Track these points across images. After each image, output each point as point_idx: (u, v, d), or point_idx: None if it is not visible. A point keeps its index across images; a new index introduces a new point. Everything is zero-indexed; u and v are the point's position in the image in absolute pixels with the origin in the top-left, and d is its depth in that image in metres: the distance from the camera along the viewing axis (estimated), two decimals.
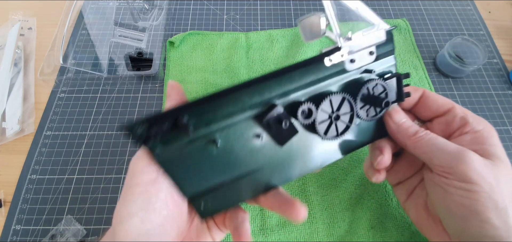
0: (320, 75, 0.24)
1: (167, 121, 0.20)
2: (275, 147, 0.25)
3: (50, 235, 0.32)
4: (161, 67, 0.44)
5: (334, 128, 0.25)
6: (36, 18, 0.49)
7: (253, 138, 0.24)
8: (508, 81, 0.44)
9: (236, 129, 0.23)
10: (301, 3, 0.51)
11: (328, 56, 0.23)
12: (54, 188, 0.35)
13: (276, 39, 0.46)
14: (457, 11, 0.51)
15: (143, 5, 0.48)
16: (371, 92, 0.26)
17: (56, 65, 0.44)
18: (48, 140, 0.38)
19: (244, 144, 0.23)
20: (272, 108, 0.23)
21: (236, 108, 0.22)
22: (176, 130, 0.21)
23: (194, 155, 0.22)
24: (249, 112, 0.23)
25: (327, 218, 0.33)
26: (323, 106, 0.24)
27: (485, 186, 0.23)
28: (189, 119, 0.21)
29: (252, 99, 0.23)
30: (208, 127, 0.22)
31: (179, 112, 0.21)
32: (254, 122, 0.23)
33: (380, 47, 0.25)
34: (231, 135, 0.23)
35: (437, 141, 0.25)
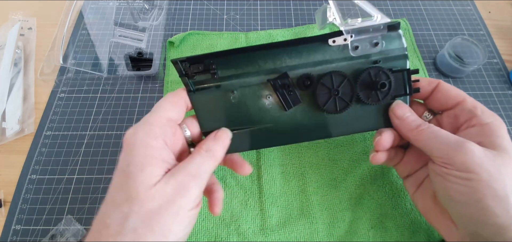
0: (327, 56, 0.28)
1: (201, 63, 0.27)
2: (280, 111, 0.29)
3: (50, 235, 0.32)
4: (161, 67, 0.44)
5: (333, 103, 0.28)
6: (36, 18, 0.49)
7: (263, 97, 0.29)
8: (508, 81, 0.44)
9: (251, 85, 0.28)
10: (301, 3, 0.51)
11: (332, 38, 0.27)
12: (54, 188, 0.35)
13: (276, 39, 0.46)
14: (457, 11, 0.51)
15: (143, 5, 0.48)
16: (373, 78, 0.28)
17: (56, 65, 0.44)
18: (48, 140, 0.38)
19: (255, 100, 0.29)
20: (283, 76, 0.28)
21: (253, 68, 0.28)
22: (207, 73, 0.28)
23: (215, 99, 0.29)
24: (264, 75, 0.28)
25: (327, 218, 0.33)
26: (324, 80, 0.28)
27: (483, 175, 0.23)
28: (216, 67, 0.27)
29: (267, 64, 0.28)
30: (230, 79, 0.28)
31: (211, 58, 0.27)
32: (266, 85, 0.28)
33: (387, 41, 0.27)
34: (247, 89, 0.29)
35: (438, 133, 0.26)
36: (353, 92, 0.28)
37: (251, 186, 0.35)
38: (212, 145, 0.27)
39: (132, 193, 0.22)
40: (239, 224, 0.32)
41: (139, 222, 0.21)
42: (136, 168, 0.23)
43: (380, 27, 0.27)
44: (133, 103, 0.41)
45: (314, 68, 0.28)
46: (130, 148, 0.23)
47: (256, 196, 0.34)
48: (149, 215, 0.22)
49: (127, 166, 0.23)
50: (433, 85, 0.29)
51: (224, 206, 0.33)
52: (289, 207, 0.34)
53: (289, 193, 0.34)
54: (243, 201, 0.34)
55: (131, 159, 0.23)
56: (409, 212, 0.33)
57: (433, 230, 0.32)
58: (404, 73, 0.28)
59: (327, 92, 0.28)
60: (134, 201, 0.22)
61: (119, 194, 0.22)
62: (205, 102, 0.29)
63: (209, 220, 0.33)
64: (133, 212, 0.21)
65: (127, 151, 0.24)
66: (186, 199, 0.23)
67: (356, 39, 0.27)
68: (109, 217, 0.22)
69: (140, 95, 0.42)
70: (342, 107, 0.28)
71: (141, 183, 0.22)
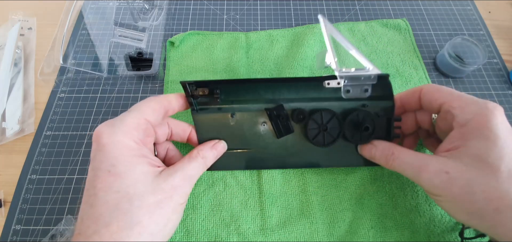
0: (322, 95, 0.31)
1: (207, 87, 0.30)
2: (273, 138, 0.33)
3: (50, 235, 0.32)
4: (161, 67, 0.44)
5: (321, 137, 0.32)
6: (36, 18, 0.49)
7: (259, 124, 0.32)
8: (508, 81, 0.44)
9: (249, 112, 0.32)
10: (301, 3, 0.51)
11: (327, 80, 0.29)
12: (54, 188, 0.35)
13: (276, 39, 0.46)
14: (457, 11, 0.51)
15: (143, 5, 0.48)
16: (360, 120, 0.31)
17: (56, 65, 0.44)
18: (48, 140, 0.38)
19: (252, 125, 0.32)
20: (279, 106, 0.31)
21: (253, 97, 0.31)
22: (210, 96, 0.31)
23: (216, 120, 0.32)
24: (262, 104, 0.32)
25: (327, 218, 0.33)
26: (315, 116, 0.31)
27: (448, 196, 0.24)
28: (220, 92, 0.30)
29: (266, 94, 0.31)
30: (231, 103, 0.32)
31: (215, 85, 0.30)
32: (263, 113, 0.32)
33: (376, 88, 0.30)
34: (245, 114, 0.32)
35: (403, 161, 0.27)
36: (341, 129, 0.31)
37: (251, 186, 0.35)
38: (208, 154, 0.30)
39: (129, 190, 0.23)
40: (239, 224, 0.32)
41: (143, 214, 0.23)
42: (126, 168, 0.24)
43: (371, 77, 0.29)
44: (133, 103, 0.41)
45: (309, 104, 0.31)
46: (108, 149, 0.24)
47: (256, 196, 0.34)
48: (152, 207, 0.24)
49: (111, 167, 0.24)
50: (417, 94, 0.29)
51: (224, 206, 0.33)
52: (289, 207, 0.34)
53: (289, 193, 0.34)
54: (243, 201, 0.34)
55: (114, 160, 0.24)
56: (409, 212, 0.33)
57: (433, 229, 0.32)
58: (386, 119, 0.31)
59: (317, 127, 0.32)
60: (134, 197, 0.23)
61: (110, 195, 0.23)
62: (206, 122, 0.32)
63: (209, 220, 0.33)
64: (134, 206, 0.23)
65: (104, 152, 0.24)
66: (181, 195, 0.26)
67: (348, 84, 0.30)
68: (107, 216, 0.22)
69: (140, 95, 0.42)
70: (329, 142, 0.32)
71: (137, 181, 0.24)
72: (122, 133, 0.25)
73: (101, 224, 0.22)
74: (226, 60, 0.44)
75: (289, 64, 0.42)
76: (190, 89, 0.30)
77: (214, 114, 0.32)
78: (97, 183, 0.23)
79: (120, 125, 0.25)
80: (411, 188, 0.34)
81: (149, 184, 0.24)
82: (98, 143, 0.24)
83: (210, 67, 0.43)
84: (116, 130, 0.25)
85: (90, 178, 0.24)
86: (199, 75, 0.42)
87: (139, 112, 0.27)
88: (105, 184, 0.23)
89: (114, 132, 0.25)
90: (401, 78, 0.42)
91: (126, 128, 0.25)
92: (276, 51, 0.45)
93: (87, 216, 0.23)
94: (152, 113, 0.28)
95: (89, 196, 0.23)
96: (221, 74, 0.43)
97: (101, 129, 0.25)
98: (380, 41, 0.46)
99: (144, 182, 0.24)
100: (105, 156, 0.24)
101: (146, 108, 0.27)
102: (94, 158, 0.24)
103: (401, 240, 0.32)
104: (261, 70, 0.43)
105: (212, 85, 0.30)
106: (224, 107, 0.32)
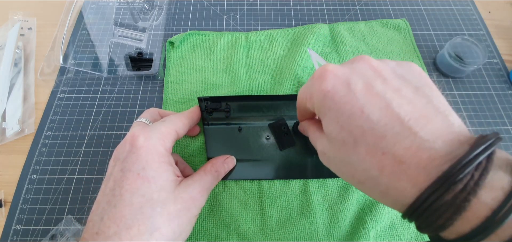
0: None
1: (219, 102, 0.35)
2: (276, 150, 0.35)
3: (50, 235, 0.32)
4: (161, 67, 0.44)
5: None
6: (36, 18, 0.49)
7: (264, 137, 0.35)
8: (508, 81, 0.44)
9: (255, 125, 0.36)
10: (301, 3, 0.51)
11: None
12: (54, 188, 0.35)
13: (276, 39, 0.46)
14: (457, 11, 0.51)
15: (143, 5, 0.48)
16: None
17: (56, 65, 0.44)
18: (48, 140, 0.38)
19: (257, 138, 0.35)
20: (281, 120, 0.35)
21: (258, 112, 0.35)
22: (221, 111, 0.35)
23: (225, 133, 0.36)
24: (266, 119, 0.36)
25: (328, 218, 0.33)
26: None
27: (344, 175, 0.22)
28: (230, 107, 0.35)
29: (269, 111, 0.35)
30: (239, 118, 0.36)
31: (227, 100, 0.35)
32: (266, 128, 0.35)
33: None
34: (251, 129, 0.36)
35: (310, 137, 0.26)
36: None
37: (251, 186, 0.35)
38: (221, 168, 0.32)
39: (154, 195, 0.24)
40: (239, 225, 0.32)
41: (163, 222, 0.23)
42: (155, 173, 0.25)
43: None
44: (133, 103, 0.41)
45: None
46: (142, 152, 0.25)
47: (256, 196, 0.34)
48: (172, 216, 0.24)
49: (142, 170, 0.24)
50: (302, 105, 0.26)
51: (224, 207, 0.33)
52: (289, 207, 0.34)
53: (289, 193, 0.34)
54: (243, 201, 0.34)
55: (146, 164, 0.24)
56: None
57: None
58: None
59: None
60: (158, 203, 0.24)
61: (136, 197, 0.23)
62: (216, 135, 0.35)
63: (209, 221, 0.33)
64: (156, 213, 0.23)
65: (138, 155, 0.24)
66: (197, 207, 0.27)
67: None
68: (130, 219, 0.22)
69: (140, 95, 0.42)
70: None
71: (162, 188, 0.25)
72: (157, 139, 0.26)
73: (122, 225, 0.22)
74: (226, 60, 0.44)
75: (289, 64, 0.42)
76: (203, 104, 0.34)
77: (223, 128, 0.36)
78: (125, 183, 0.23)
79: (156, 131, 0.26)
80: None
81: (172, 193, 0.25)
82: (132, 145, 0.25)
83: (210, 67, 0.43)
84: (152, 135, 0.26)
85: (118, 178, 0.24)
86: (199, 75, 0.42)
87: (172, 124, 0.28)
88: (133, 186, 0.23)
89: (150, 136, 0.26)
90: None
91: (161, 135, 0.26)
92: (276, 51, 0.45)
93: (108, 216, 0.23)
94: (182, 127, 0.30)
95: (114, 196, 0.23)
96: (221, 74, 0.43)
97: (137, 132, 0.26)
98: (380, 41, 0.46)
99: (168, 190, 0.25)
100: (138, 158, 0.24)
101: (178, 122, 0.29)
102: (126, 159, 0.25)
103: (401, 240, 0.32)
104: (261, 70, 0.43)
105: (224, 101, 0.35)
106: (232, 122, 0.36)
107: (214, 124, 0.36)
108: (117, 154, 0.26)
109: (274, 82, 0.42)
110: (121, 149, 0.26)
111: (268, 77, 0.42)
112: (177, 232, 0.25)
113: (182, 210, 0.25)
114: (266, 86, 0.41)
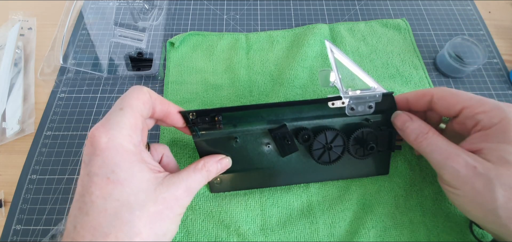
0: (325, 113, 0.31)
1: (208, 115, 0.29)
2: (277, 156, 0.33)
3: (50, 235, 0.32)
4: (161, 67, 0.44)
5: (327, 155, 0.32)
6: (36, 18, 0.49)
7: (263, 145, 0.32)
8: (508, 81, 0.44)
9: (252, 134, 0.31)
10: (301, 3, 0.51)
11: (331, 101, 0.30)
12: (54, 188, 0.35)
13: (276, 40, 0.46)
14: (457, 11, 0.51)
15: (143, 5, 0.48)
16: (364, 136, 0.31)
17: (56, 65, 0.44)
18: (48, 140, 0.38)
19: (255, 147, 0.32)
20: (283, 126, 0.31)
21: (256, 119, 0.31)
22: (212, 123, 0.30)
23: (219, 145, 0.31)
24: (265, 125, 0.31)
25: (328, 218, 0.33)
26: (319, 138, 0.31)
27: (467, 191, 0.25)
28: (222, 119, 0.30)
29: (269, 116, 0.31)
30: (234, 128, 0.31)
31: (217, 112, 0.29)
32: (267, 133, 0.31)
33: (380, 104, 0.31)
34: (248, 138, 0.31)
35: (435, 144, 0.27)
36: (345, 145, 0.32)
37: None
38: (213, 168, 0.29)
39: (130, 199, 0.22)
40: (239, 225, 0.32)
41: (143, 225, 0.22)
42: (127, 174, 0.22)
43: (376, 96, 0.30)
44: None
45: (311, 121, 0.31)
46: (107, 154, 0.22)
47: (256, 196, 0.34)
48: (152, 217, 0.23)
49: (111, 173, 0.22)
50: (427, 98, 0.29)
51: (224, 207, 0.33)
52: (289, 207, 0.34)
53: (289, 193, 0.34)
54: (243, 201, 0.34)
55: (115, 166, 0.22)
56: (409, 212, 0.33)
57: (433, 229, 0.32)
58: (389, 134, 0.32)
59: (322, 147, 0.32)
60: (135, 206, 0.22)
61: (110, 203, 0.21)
62: (209, 147, 0.31)
63: (209, 221, 0.33)
64: (135, 216, 0.22)
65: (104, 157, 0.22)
66: (181, 206, 0.25)
67: (353, 102, 0.30)
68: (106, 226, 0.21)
69: None
70: (334, 159, 0.32)
71: (139, 189, 0.23)
72: (122, 137, 0.23)
73: (99, 234, 0.21)
74: (226, 61, 0.44)
75: (289, 64, 0.42)
76: (190, 118, 0.29)
77: (216, 139, 0.31)
78: (94, 189, 0.21)
79: (118, 127, 0.23)
80: (413, 187, 0.34)
81: (151, 193, 0.23)
82: (95, 147, 0.22)
83: (210, 68, 0.43)
84: (115, 133, 0.23)
85: (85, 183, 0.22)
86: (199, 76, 0.42)
87: (132, 110, 0.24)
88: (104, 191, 0.21)
89: (113, 135, 0.22)
90: (401, 78, 0.42)
91: (125, 131, 0.23)
92: (276, 52, 0.45)
93: (81, 224, 0.21)
94: (144, 107, 0.25)
95: (84, 203, 0.21)
96: (221, 75, 0.43)
97: (98, 132, 0.22)
98: (380, 41, 0.46)
99: (145, 190, 0.23)
100: (104, 161, 0.22)
101: (137, 102, 0.25)
102: (90, 162, 0.22)
103: (401, 240, 0.32)
104: (261, 71, 0.43)
105: (214, 113, 0.29)
106: (226, 131, 0.31)
107: (205, 135, 0.30)
108: (83, 155, 0.23)
109: (274, 83, 0.42)
110: (85, 150, 0.23)
111: (268, 78, 0.42)
112: (160, 234, 0.23)
113: (164, 210, 0.23)
114: (266, 87, 0.41)
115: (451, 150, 0.26)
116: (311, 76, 0.42)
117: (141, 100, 0.25)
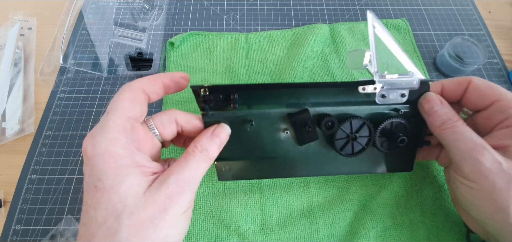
0: (352, 99, 0.28)
1: (223, 92, 0.26)
2: (294, 145, 0.29)
3: (50, 235, 0.32)
4: (161, 67, 0.44)
5: (350, 146, 0.29)
6: (36, 18, 0.49)
7: (279, 130, 0.29)
8: (508, 81, 0.44)
9: (269, 118, 0.28)
10: (301, 3, 0.51)
11: (363, 86, 0.26)
12: (54, 188, 0.35)
13: (276, 40, 0.46)
14: (457, 11, 0.51)
15: (143, 5, 0.48)
16: (392, 128, 0.28)
17: (56, 65, 0.44)
18: (48, 140, 0.38)
19: (271, 132, 0.29)
20: (304, 111, 0.27)
21: (275, 101, 0.27)
22: (227, 102, 0.26)
23: (231, 127, 0.28)
24: (284, 109, 0.28)
25: (328, 218, 0.33)
26: (344, 126, 0.28)
27: (485, 186, 0.24)
28: (238, 97, 0.26)
29: (290, 99, 0.27)
30: (249, 109, 0.27)
31: (232, 90, 0.26)
32: (285, 118, 0.28)
33: (414, 93, 0.28)
34: (264, 121, 0.28)
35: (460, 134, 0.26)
36: (371, 137, 0.29)
37: (251, 186, 0.35)
38: (207, 144, 0.25)
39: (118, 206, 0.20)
40: (239, 225, 0.32)
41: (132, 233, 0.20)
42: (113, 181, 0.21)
43: (414, 83, 0.27)
44: None
45: (335, 108, 0.28)
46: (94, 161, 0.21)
47: (256, 196, 0.34)
48: (144, 224, 0.21)
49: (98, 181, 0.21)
50: (464, 86, 0.28)
51: (224, 206, 0.33)
52: (290, 207, 0.34)
53: (289, 193, 0.34)
54: (243, 201, 0.34)
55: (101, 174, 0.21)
56: (409, 212, 0.33)
57: (432, 229, 0.32)
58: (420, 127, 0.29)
59: (345, 137, 0.29)
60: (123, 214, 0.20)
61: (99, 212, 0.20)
62: None
63: (209, 221, 0.33)
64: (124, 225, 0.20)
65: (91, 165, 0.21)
66: (180, 205, 0.22)
67: (386, 89, 0.27)
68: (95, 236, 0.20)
69: None
70: (357, 151, 0.29)
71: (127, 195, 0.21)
72: (107, 141, 0.21)
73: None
74: (226, 61, 0.44)
75: (289, 64, 0.42)
76: (202, 95, 0.26)
77: (229, 120, 0.27)
78: (87, 199, 0.21)
79: (103, 132, 0.22)
80: (413, 187, 0.34)
81: (140, 197, 0.21)
82: (85, 156, 0.22)
83: (210, 68, 0.43)
84: (100, 139, 0.21)
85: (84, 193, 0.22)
86: (199, 76, 0.42)
87: (118, 111, 0.23)
88: (94, 200, 0.21)
89: (97, 142, 0.21)
90: None
91: (110, 134, 0.22)
92: (276, 52, 0.45)
93: (80, 235, 0.21)
94: (131, 106, 0.23)
95: (83, 214, 0.21)
96: (221, 75, 0.43)
97: (86, 140, 0.22)
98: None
99: (134, 196, 0.21)
100: (93, 169, 0.21)
101: (123, 102, 0.23)
102: (84, 171, 0.22)
103: (401, 240, 0.32)
104: (261, 71, 0.43)
105: (230, 90, 0.26)
106: (241, 113, 0.27)
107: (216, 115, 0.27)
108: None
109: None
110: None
111: (268, 78, 0.42)
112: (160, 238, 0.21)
113: (157, 214, 0.21)
114: None
115: (478, 141, 0.25)
116: (311, 76, 0.42)
117: (127, 100, 0.23)
